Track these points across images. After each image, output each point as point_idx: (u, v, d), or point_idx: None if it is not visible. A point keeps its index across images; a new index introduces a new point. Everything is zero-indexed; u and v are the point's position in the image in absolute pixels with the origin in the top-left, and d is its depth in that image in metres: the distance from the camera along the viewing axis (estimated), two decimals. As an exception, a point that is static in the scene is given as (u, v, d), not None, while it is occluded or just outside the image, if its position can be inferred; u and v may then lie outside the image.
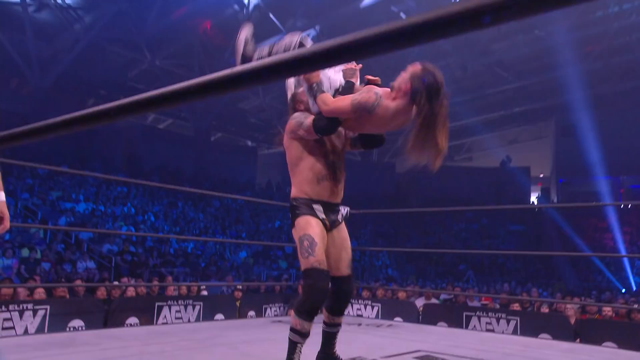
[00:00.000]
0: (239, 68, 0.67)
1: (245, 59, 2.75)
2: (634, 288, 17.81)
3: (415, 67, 2.34)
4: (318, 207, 2.51)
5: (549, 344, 4.51)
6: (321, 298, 2.36)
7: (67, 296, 6.10)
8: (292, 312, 2.44)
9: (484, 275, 18.97)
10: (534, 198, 26.33)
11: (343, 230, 2.71)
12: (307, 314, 2.37)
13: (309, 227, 2.43)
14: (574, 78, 18.44)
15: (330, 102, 2.41)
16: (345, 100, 2.39)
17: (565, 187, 25.14)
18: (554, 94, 20.61)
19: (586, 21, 17.09)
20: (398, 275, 18.80)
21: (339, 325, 2.63)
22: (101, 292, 6.23)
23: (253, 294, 8.80)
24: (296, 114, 2.61)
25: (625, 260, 18.48)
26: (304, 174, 2.54)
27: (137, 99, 0.78)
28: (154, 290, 7.25)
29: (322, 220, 2.50)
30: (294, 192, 2.58)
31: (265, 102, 23.29)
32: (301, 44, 2.52)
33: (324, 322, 2.65)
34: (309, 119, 2.50)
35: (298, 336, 2.41)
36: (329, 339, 2.62)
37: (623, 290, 17.42)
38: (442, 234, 22.41)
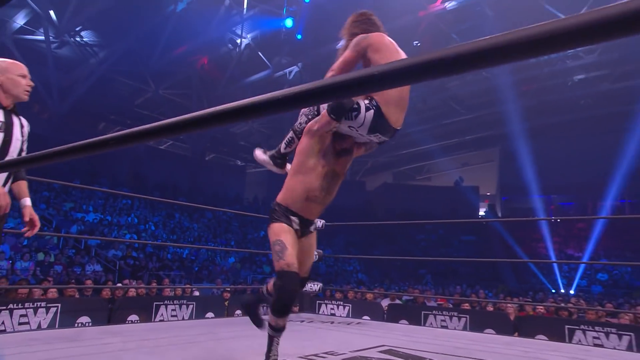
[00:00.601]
0: (252, 99, 0.67)
1: (275, 157, 2.66)
2: (561, 289, 18.16)
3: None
4: (295, 220, 2.41)
5: (493, 338, 4.55)
6: (290, 297, 2.27)
7: (77, 295, 5.96)
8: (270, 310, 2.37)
9: (440, 279, 19.06)
10: (482, 212, 26.69)
11: (312, 238, 2.60)
12: (279, 312, 2.29)
13: (282, 233, 2.33)
14: (514, 112, 18.89)
15: (334, 66, 2.30)
16: (343, 56, 2.32)
17: (507, 203, 25.56)
18: (499, 125, 21.04)
19: (522, 66, 17.61)
20: (367, 279, 18.77)
21: None
22: (106, 292, 6.09)
23: (240, 295, 8.68)
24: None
25: (555, 266, 18.85)
26: (296, 188, 2.41)
27: (151, 126, 0.77)
28: (153, 291, 7.12)
29: (295, 230, 2.40)
30: (280, 197, 2.46)
31: (254, 127, 23.29)
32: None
33: None
34: (322, 113, 2.34)
35: (273, 331, 2.35)
36: None
37: (553, 291, 17.73)
38: (405, 243, 22.51)
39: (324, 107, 2.31)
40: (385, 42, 2.31)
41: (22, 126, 2.30)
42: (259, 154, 2.71)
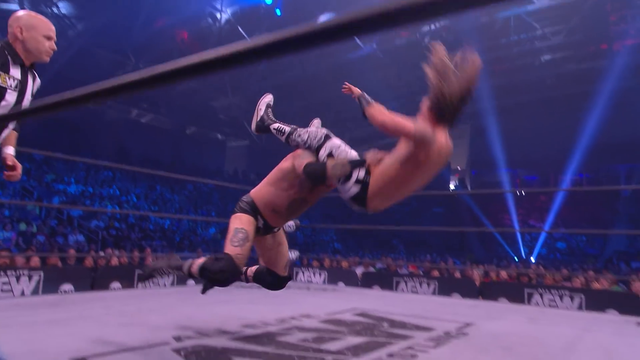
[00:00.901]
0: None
1: (263, 121, 2.40)
2: (524, 257, 18.84)
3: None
4: (260, 220, 2.36)
5: (459, 302, 4.69)
6: (221, 283, 2.17)
7: (59, 264, 5.88)
8: (201, 259, 2.26)
9: (412, 249, 19.44)
10: (452, 186, 27.08)
11: (280, 236, 2.53)
12: (202, 277, 2.21)
13: (249, 225, 2.28)
14: (485, 91, 19.05)
15: (388, 114, 1.87)
16: (407, 120, 1.87)
17: (476, 177, 26.03)
18: (470, 102, 21.16)
19: (494, 45, 17.67)
20: (342, 248, 19.03)
21: None
22: (89, 261, 6.03)
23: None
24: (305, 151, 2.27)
25: (518, 236, 19.46)
26: (265, 197, 2.34)
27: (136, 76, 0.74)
28: (135, 259, 7.08)
29: (258, 228, 2.36)
30: (255, 195, 2.39)
31: (234, 101, 22.93)
32: (327, 136, 2.20)
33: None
34: (305, 160, 2.18)
35: (186, 273, 2.29)
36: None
37: (516, 259, 18.37)
38: (379, 215, 22.60)
39: (325, 149, 2.14)
40: (434, 161, 2.01)
41: (34, 84, 2.20)
42: (264, 103, 2.45)
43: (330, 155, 2.13)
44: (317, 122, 2.61)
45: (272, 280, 2.52)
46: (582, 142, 19.42)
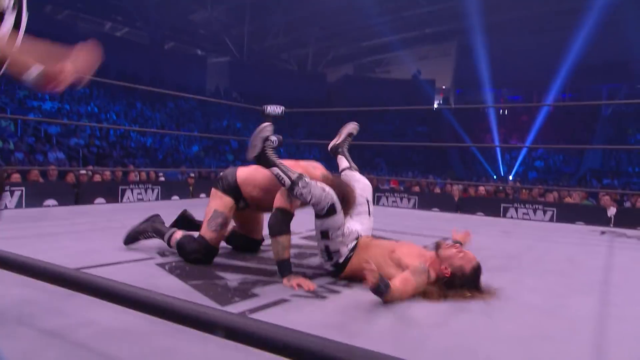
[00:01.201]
0: None
1: (264, 156, 2.09)
2: (502, 174, 19.39)
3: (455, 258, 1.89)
4: (242, 203, 2.35)
5: (438, 215, 4.85)
6: (194, 262, 2.23)
7: (41, 180, 5.83)
8: (179, 235, 2.33)
9: (395, 167, 19.74)
10: (436, 104, 26.98)
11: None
12: (177, 252, 2.29)
13: (229, 210, 2.29)
14: (473, 6, 18.31)
15: (402, 289, 1.75)
16: (410, 284, 1.79)
17: (461, 96, 25.87)
18: (458, 19, 20.45)
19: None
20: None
21: None
22: (70, 178, 5.98)
23: (204, 180, 8.73)
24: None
25: (498, 155, 19.84)
26: (252, 194, 2.31)
27: None
28: (118, 176, 7.05)
29: (238, 206, 2.36)
30: (241, 182, 2.31)
31: (214, 15, 21.71)
32: (331, 209, 1.98)
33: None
34: (279, 204, 2.07)
35: (161, 237, 2.39)
36: None
37: (495, 177, 18.89)
38: (362, 132, 22.69)
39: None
40: None
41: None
42: (260, 139, 2.10)
43: (325, 235, 2.01)
44: (352, 126, 2.75)
45: (244, 243, 2.56)
46: (568, 61, 19.20)
